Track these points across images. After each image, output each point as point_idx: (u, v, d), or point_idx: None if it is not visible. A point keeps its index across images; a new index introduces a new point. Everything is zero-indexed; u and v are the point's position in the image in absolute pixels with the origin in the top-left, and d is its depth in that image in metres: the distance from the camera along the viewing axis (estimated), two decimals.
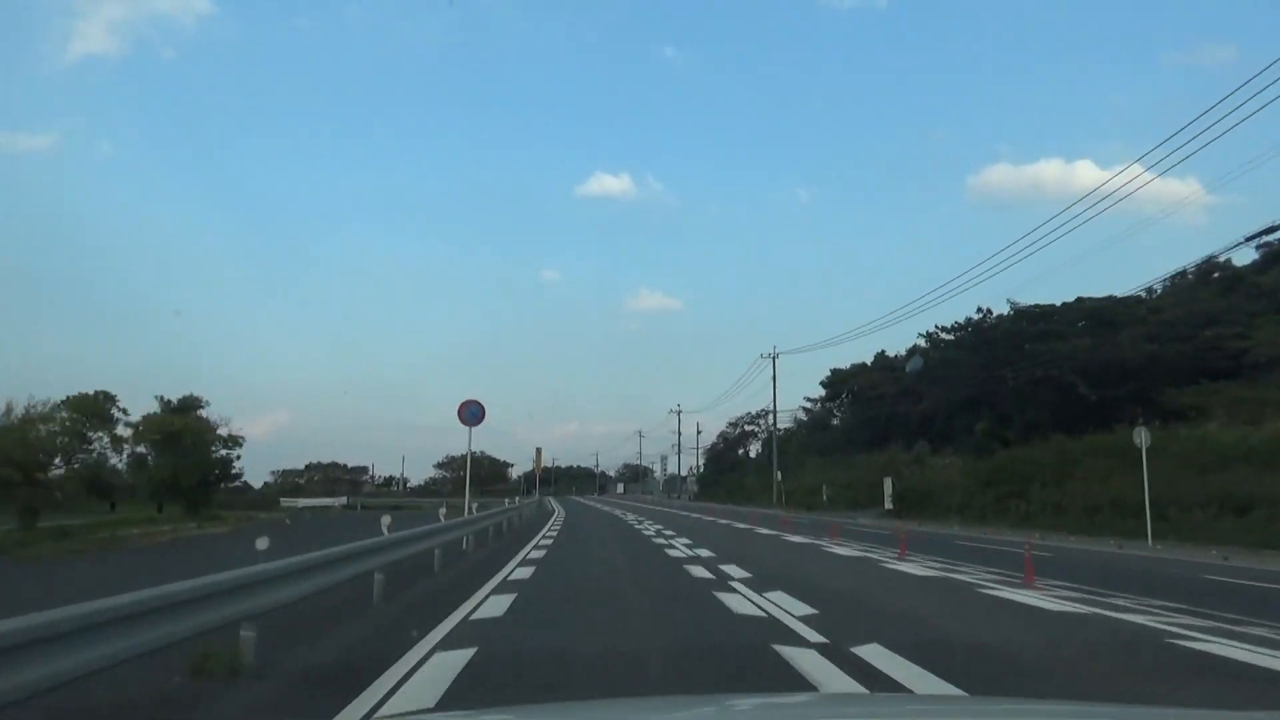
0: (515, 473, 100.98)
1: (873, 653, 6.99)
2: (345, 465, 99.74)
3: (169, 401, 51.98)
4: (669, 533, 26.45)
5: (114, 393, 51.13)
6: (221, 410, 60.09)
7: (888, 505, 41.38)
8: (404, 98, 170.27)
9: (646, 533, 27.14)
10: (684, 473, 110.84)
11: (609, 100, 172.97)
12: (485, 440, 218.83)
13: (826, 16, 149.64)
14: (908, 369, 53.13)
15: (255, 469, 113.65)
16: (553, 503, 66.84)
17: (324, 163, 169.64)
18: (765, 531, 27.78)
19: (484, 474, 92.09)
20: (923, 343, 53.67)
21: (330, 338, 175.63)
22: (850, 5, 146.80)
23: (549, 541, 22.84)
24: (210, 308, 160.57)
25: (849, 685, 5.96)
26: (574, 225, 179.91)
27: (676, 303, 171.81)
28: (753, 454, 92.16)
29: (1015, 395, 43.82)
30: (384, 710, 5.34)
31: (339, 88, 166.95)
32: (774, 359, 64.27)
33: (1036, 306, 46.43)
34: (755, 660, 7.07)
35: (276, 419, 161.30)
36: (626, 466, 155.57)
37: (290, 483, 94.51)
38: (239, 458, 53.38)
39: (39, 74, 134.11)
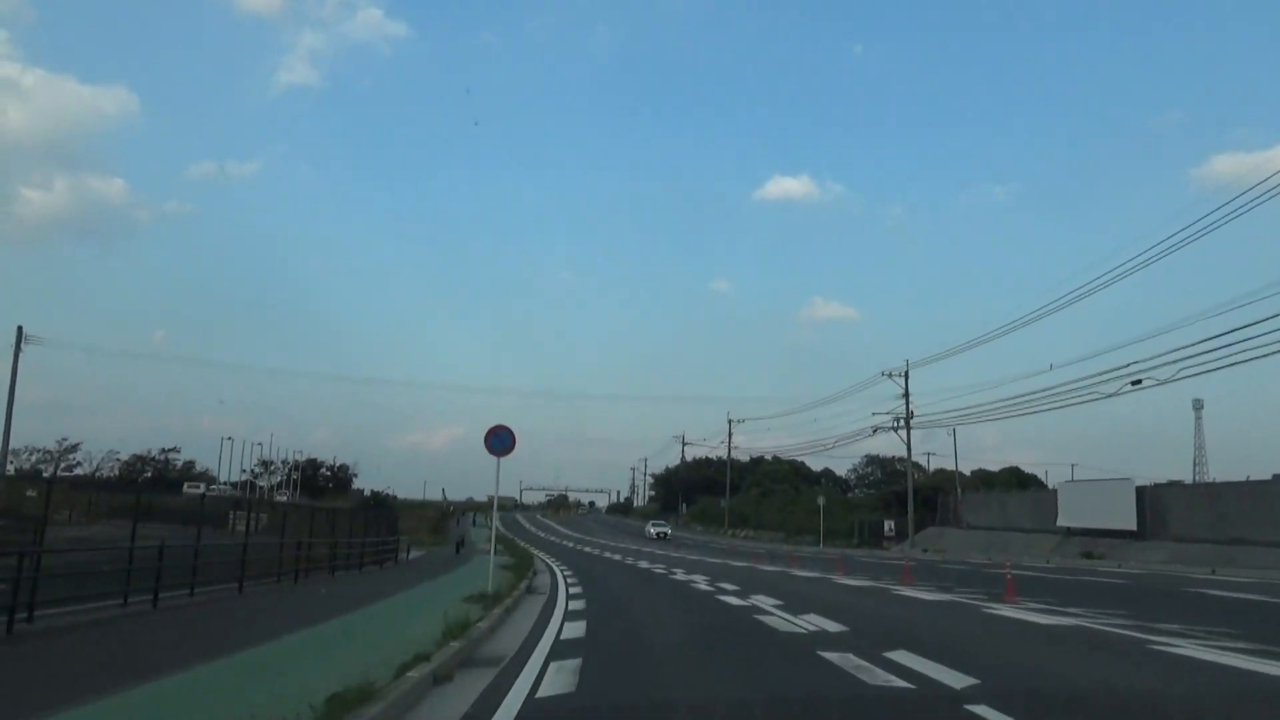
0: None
1: None
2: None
3: None
4: None
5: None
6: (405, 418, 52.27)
7: None
8: (581, 108, 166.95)
9: None
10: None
11: (793, 101, 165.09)
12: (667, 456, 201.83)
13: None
14: None
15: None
16: None
17: (504, 175, 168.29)
18: None
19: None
20: None
21: (502, 349, 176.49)
22: None
23: None
24: (390, 315, 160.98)
25: None
26: (751, 232, 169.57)
27: (853, 311, 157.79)
28: None
29: None
30: None
31: (520, 101, 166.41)
32: None
33: None
34: None
35: (453, 431, 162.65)
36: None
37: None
38: None
39: (249, 106, 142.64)
